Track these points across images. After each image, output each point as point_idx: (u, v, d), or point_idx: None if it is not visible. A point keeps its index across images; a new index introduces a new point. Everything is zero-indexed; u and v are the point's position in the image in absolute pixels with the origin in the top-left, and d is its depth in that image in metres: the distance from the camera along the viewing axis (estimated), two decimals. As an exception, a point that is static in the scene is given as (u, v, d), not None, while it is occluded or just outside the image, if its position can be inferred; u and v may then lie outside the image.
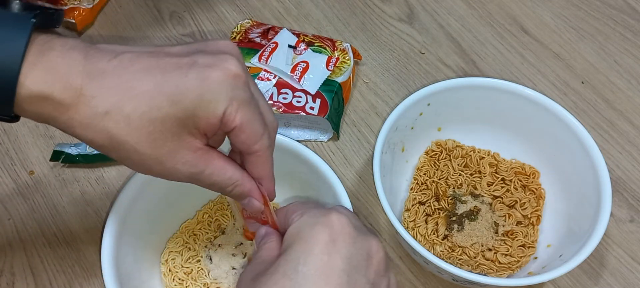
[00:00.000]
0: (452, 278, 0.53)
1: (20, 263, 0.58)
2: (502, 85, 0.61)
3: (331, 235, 0.39)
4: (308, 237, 0.39)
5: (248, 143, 0.41)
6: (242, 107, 0.39)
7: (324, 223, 0.40)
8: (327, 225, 0.40)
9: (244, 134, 0.40)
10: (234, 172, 0.43)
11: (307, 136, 0.67)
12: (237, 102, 0.39)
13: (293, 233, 0.41)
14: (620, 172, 0.65)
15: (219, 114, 0.39)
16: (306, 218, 0.41)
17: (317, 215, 0.41)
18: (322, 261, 0.38)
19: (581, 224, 0.55)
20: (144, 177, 0.53)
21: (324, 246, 0.39)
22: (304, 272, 0.38)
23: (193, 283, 0.55)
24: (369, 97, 0.70)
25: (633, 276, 0.59)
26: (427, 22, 0.76)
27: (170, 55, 0.39)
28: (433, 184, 0.61)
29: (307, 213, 0.42)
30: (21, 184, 0.63)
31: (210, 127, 0.39)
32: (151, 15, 0.76)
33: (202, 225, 0.58)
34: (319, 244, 0.39)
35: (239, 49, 0.42)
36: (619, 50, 0.74)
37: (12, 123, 0.39)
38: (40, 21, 0.37)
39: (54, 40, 0.38)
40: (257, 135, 0.41)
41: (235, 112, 0.39)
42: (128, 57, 0.38)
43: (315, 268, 0.38)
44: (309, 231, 0.40)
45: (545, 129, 0.60)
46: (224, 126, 0.40)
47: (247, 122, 0.40)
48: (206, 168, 0.41)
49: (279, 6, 0.77)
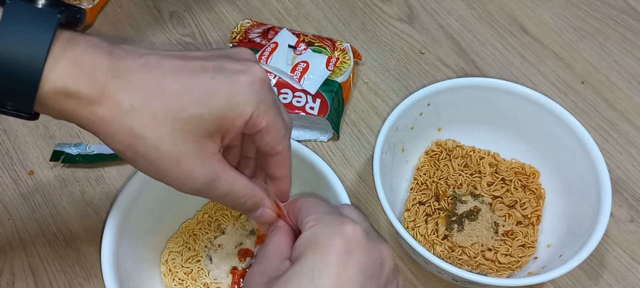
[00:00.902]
0: (452, 278, 0.53)
1: (20, 263, 0.58)
2: (502, 85, 0.61)
3: (346, 247, 0.39)
4: (323, 247, 0.39)
5: (272, 144, 0.42)
6: (268, 110, 0.41)
7: (339, 234, 0.39)
8: (342, 237, 0.39)
9: (269, 136, 0.42)
10: (247, 182, 0.43)
11: (307, 136, 0.67)
12: (264, 105, 0.40)
13: (308, 240, 0.41)
14: (620, 172, 0.65)
15: (247, 116, 0.40)
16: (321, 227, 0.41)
17: (333, 224, 0.40)
18: (338, 274, 0.38)
19: (581, 224, 0.55)
20: (144, 177, 0.53)
21: (339, 258, 0.38)
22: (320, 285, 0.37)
23: (193, 283, 0.55)
24: (369, 97, 0.70)
25: (633, 276, 0.59)
26: (427, 22, 0.76)
27: (195, 59, 0.40)
28: (433, 184, 0.61)
29: (323, 221, 0.41)
30: (21, 184, 0.63)
31: (234, 129, 0.40)
32: (151, 15, 0.76)
33: (202, 225, 0.58)
34: (334, 256, 0.38)
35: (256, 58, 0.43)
36: (619, 50, 0.74)
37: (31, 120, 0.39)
38: (65, 18, 0.37)
39: (78, 37, 0.38)
40: (281, 136, 0.43)
41: (263, 115, 0.40)
42: (154, 58, 0.39)
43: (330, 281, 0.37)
44: (324, 241, 0.39)
45: (545, 129, 0.60)
46: (250, 128, 0.41)
47: (273, 123, 0.41)
48: (222, 175, 0.41)
49: (279, 6, 0.77)
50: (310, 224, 0.42)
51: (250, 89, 0.40)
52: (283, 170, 0.45)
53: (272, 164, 0.44)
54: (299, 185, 0.57)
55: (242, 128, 0.40)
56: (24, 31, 0.36)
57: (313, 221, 0.42)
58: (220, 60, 0.41)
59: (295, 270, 0.39)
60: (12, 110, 0.37)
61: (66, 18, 0.38)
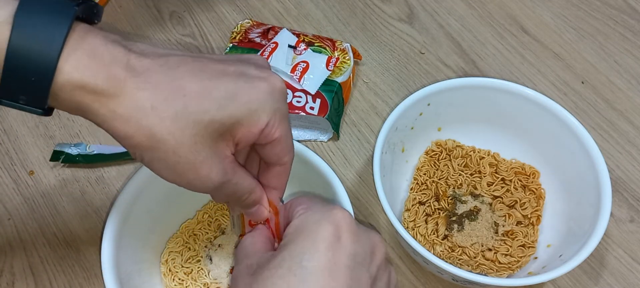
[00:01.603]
0: (452, 278, 0.53)
1: (20, 263, 0.58)
2: (502, 85, 0.61)
3: (336, 232, 0.39)
4: (313, 232, 0.39)
5: (280, 155, 0.42)
6: (283, 120, 0.41)
7: (329, 219, 0.40)
8: (332, 222, 0.39)
9: (279, 146, 0.42)
10: (252, 180, 0.44)
11: (307, 136, 0.67)
12: (279, 115, 0.40)
13: (297, 227, 0.41)
14: (620, 172, 0.65)
15: (262, 124, 0.39)
16: (311, 214, 0.41)
17: (322, 211, 0.41)
18: (327, 257, 0.38)
19: (581, 224, 0.55)
20: (144, 177, 0.53)
21: (329, 243, 0.39)
22: (309, 267, 0.37)
23: (193, 283, 0.55)
24: (369, 97, 0.70)
25: (633, 276, 0.59)
26: (427, 22, 0.76)
27: (215, 62, 0.40)
28: (433, 184, 0.61)
29: (312, 208, 0.42)
30: (21, 184, 0.63)
31: (249, 136, 0.40)
32: (151, 15, 0.76)
33: (202, 225, 0.58)
34: (324, 241, 0.39)
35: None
36: (619, 50, 0.74)
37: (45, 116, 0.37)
38: (83, 11, 0.37)
39: (96, 31, 0.37)
40: (289, 147, 0.43)
41: (277, 125, 0.40)
42: (174, 59, 0.38)
43: (320, 265, 0.38)
44: (314, 227, 0.40)
45: (545, 129, 0.60)
46: (263, 138, 0.40)
47: (285, 135, 0.41)
48: (234, 177, 0.41)
49: (279, 6, 0.77)
50: (300, 212, 0.42)
51: (269, 97, 0.39)
52: (281, 181, 0.45)
53: (273, 174, 0.44)
54: (299, 185, 0.57)
55: (257, 136, 0.40)
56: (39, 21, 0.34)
57: (303, 209, 0.42)
58: (241, 66, 0.40)
59: (284, 255, 0.39)
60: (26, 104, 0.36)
61: (83, 12, 0.37)
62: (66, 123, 0.67)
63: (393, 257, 0.60)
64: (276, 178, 0.45)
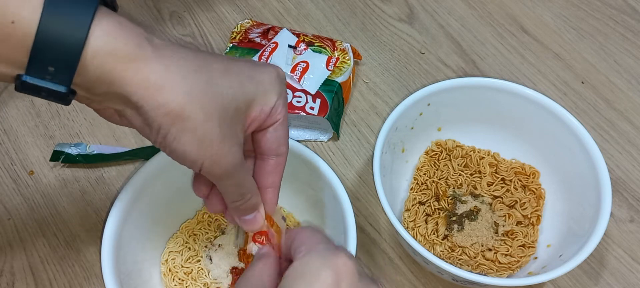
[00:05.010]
0: (452, 278, 0.53)
1: (20, 263, 0.58)
2: (502, 85, 0.61)
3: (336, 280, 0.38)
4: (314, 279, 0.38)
5: (279, 141, 0.44)
6: (285, 105, 0.43)
7: (330, 266, 0.38)
8: (333, 269, 0.38)
9: (281, 130, 0.43)
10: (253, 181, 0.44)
11: (307, 136, 0.67)
12: (283, 98, 0.43)
13: (297, 270, 0.39)
14: (620, 172, 0.65)
15: (272, 103, 0.42)
16: (313, 257, 0.40)
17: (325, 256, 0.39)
18: None
19: (581, 224, 0.55)
20: (144, 177, 0.53)
21: None
22: None
23: (193, 283, 0.55)
24: (369, 97, 0.70)
25: (633, 276, 0.59)
26: (427, 22, 0.76)
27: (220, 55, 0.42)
28: (433, 184, 0.61)
29: (315, 250, 0.40)
30: (21, 184, 0.63)
31: (261, 116, 0.42)
32: (151, 15, 0.76)
33: (202, 225, 0.58)
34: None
35: None
36: (619, 50, 0.74)
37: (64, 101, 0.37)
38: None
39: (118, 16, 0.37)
40: (287, 135, 0.44)
41: (282, 106, 0.43)
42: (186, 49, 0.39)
43: None
44: (315, 273, 0.38)
45: (545, 128, 0.60)
46: (270, 119, 0.42)
47: (286, 118, 0.44)
48: (244, 166, 0.42)
49: (279, 6, 0.77)
50: (302, 252, 0.41)
51: (277, 79, 0.42)
52: (276, 177, 0.45)
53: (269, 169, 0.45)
54: (299, 185, 0.57)
55: (267, 115, 0.42)
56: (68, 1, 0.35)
57: (305, 250, 0.41)
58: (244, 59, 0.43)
59: None
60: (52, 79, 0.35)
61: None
62: (66, 123, 0.67)
63: (393, 257, 0.60)
64: (272, 175, 0.45)
